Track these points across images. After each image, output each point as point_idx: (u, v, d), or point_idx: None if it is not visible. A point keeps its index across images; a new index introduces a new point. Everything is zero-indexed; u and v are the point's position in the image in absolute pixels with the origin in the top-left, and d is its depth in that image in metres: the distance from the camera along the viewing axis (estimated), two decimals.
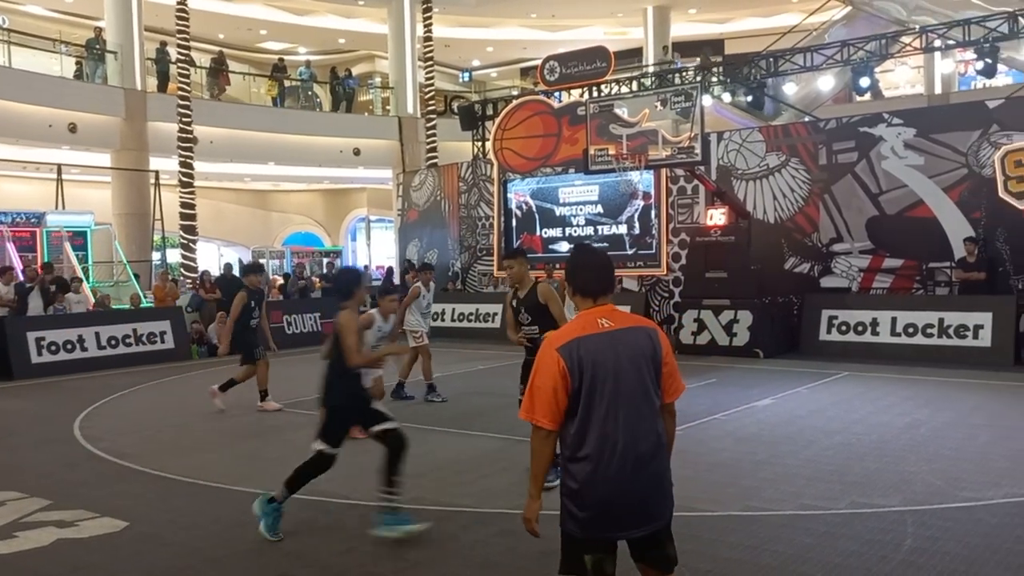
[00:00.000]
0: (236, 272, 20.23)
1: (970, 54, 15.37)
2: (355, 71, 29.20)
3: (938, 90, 25.15)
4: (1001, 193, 12.91)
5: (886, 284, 14.36)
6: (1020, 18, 14.32)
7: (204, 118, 21.44)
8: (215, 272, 20.25)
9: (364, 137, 25.25)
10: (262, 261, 23.11)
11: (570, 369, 3.11)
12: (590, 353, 3.13)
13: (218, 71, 24.77)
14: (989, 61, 14.44)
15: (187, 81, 20.59)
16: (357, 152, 25.02)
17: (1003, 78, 20.73)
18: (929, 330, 12.89)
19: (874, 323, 13.39)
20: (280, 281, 21.62)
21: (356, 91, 27.74)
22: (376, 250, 30.92)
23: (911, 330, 13.06)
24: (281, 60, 26.42)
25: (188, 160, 20.60)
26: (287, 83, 25.90)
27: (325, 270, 22.81)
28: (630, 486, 3.11)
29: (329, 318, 18.39)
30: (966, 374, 11.25)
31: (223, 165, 24.62)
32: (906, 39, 16.46)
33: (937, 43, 15.82)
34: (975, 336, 12.51)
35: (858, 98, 21.85)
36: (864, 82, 16.32)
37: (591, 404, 3.12)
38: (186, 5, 20.53)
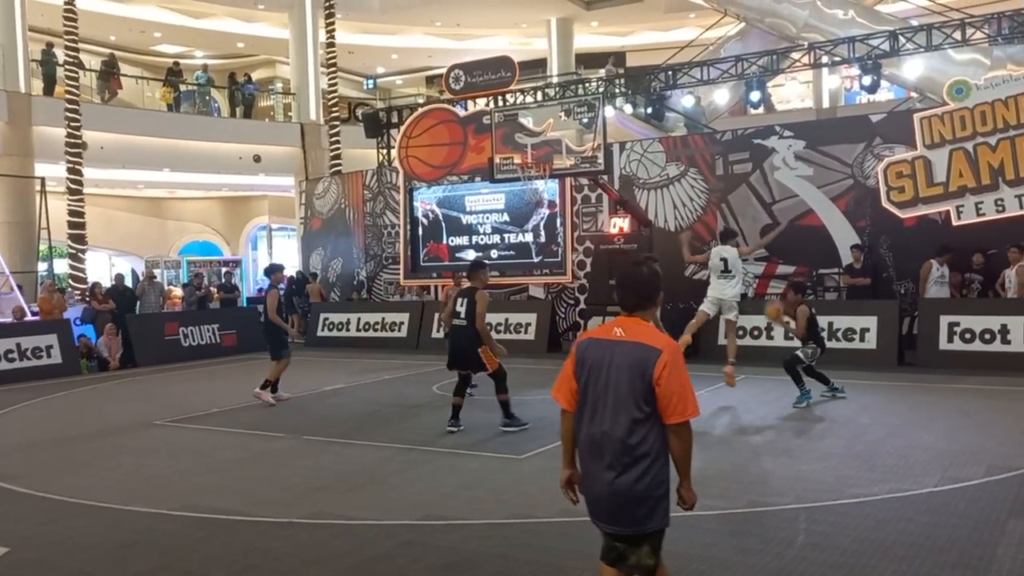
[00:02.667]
0: (128, 282, 19.46)
1: (855, 70, 16.15)
2: (255, 76, 28.51)
3: (826, 104, 26.36)
4: (884, 203, 13.60)
5: (779, 290, 14.90)
6: (900, 37, 15.15)
7: (94, 123, 20.53)
8: (106, 282, 19.37)
9: (265, 143, 24.65)
10: (156, 271, 22.24)
11: (577, 362, 3.59)
12: (593, 354, 3.53)
13: (109, 74, 23.77)
14: (873, 77, 15.21)
15: (75, 84, 19.69)
16: (258, 159, 24.41)
17: (885, 93, 21.89)
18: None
19: (768, 327, 13.87)
20: (176, 292, 20.85)
21: (256, 97, 27.10)
22: (278, 259, 30.22)
23: None
24: (176, 64, 25.56)
25: (76, 166, 19.69)
26: (183, 87, 25.08)
27: (223, 280, 22.10)
28: (598, 482, 3.45)
29: (228, 329, 17.99)
30: (854, 375, 11.77)
31: (115, 171, 23.60)
32: (796, 55, 17.20)
33: (824, 59, 16.58)
34: (862, 339, 13.12)
35: (752, 111, 22.67)
36: (755, 96, 16.95)
37: (584, 399, 3.53)
38: (74, 5, 19.65)
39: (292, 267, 26.03)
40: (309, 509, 6.21)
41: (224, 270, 24.06)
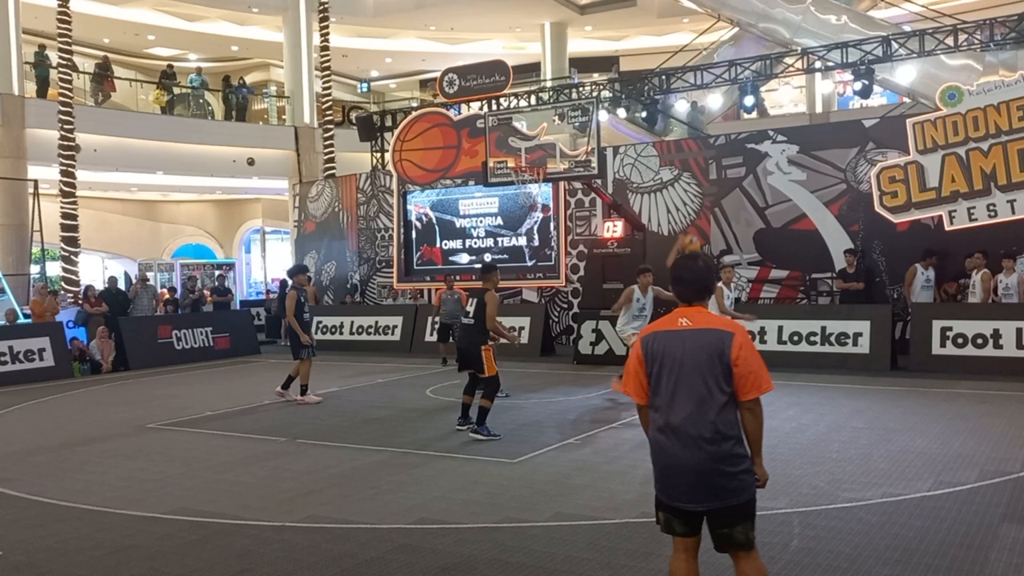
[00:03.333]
0: (121, 285, 19.40)
1: (848, 75, 16.23)
2: (249, 79, 28.48)
3: (819, 109, 26.46)
4: (877, 207, 13.65)
5: (773, 294, 14.97)
6: (893, 42, 15.22)
7: (88, 125, 20.48)
8: (99, 285, 19.31)
9: (259, 147, 24.62)
10: (149, 274, 22.18)
11: (646, 355, 3.73)
12: (662, 345, 3.70)
13: (103, 77, 23.71)
14: (865, 82, 15.27)
15: (69, 87, 19.65)
16: (251, 162, 24.37)
17: (878, 98, 21.97)
18: (812, 338, 13.47)
19: (762, 331, 13.89)
20: (167, 295, 20.79)
21: (250, 100, 27.06)
22: (272, 262, 30.18)
23: (796, 338, 13.62)
24: (170, 67, 25.52)
25: (70, 169, 19.63)
26: (177, 90, 25.03)
27: (216, 283, 22.04)
28: (684, 463, 3.60)
29: (221, 333, 17.95)
30: (847, 379, 11.81)
31: (108, 174, 23.55)
32: (789, 60, 17.26)
33: (818, 64, 16.64)
34: (855, 343, 13.16)
35: (745, 116, 22.74)
36: (749, 100, 17.01)
37: (659, 387, 3.70)
38: (68, 8, 19.61)
39: (284, 271, 26.06)
40: (303, 513, 6.20)
41: (217, 273, 23.99)
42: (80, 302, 17.59)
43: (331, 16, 23.97)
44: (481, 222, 17.97)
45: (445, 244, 18.45)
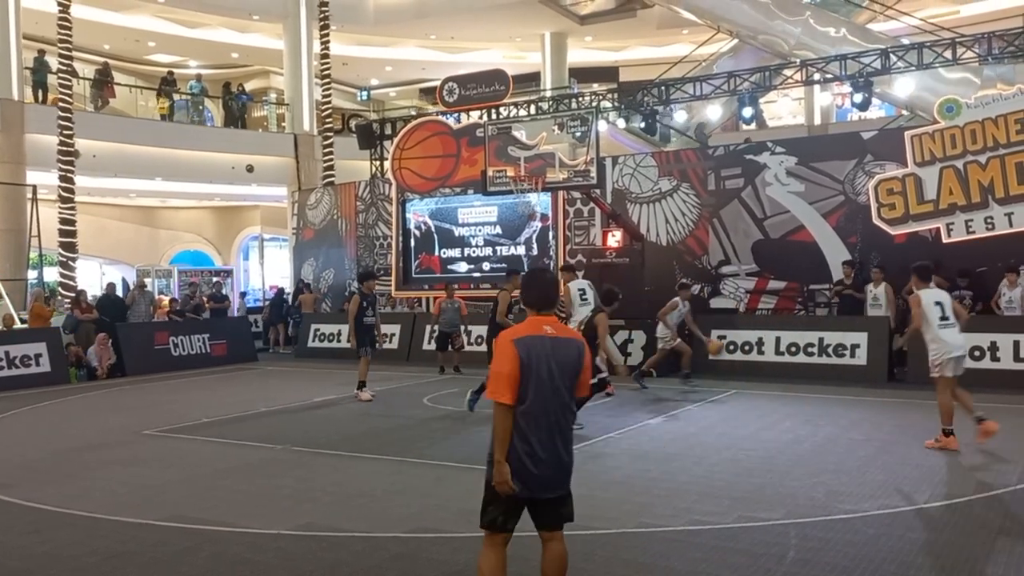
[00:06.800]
0: (120, 292, 19.37)
1: (846, 88, 16.28)
2: (249, 86, 28.50)
3: (818, 121, 26.54)
4: (875, 219, 13.67)
5: (771, 305, 14.98)
6: (891, 55, 15.28)
7: (87, 131, 20.49)
8: (95, 291, 19.26)
9: (258, 154, 24.63)
10: (147, 280, 22.15)
11: (522, 358, 3.96)
12: (534, 350, 3.99)
13: (103, 83, 23.74)
14: (864, 94, 15.32)
15: (69, 92, 19.66)
16: (250, 169, 24.38)
17: (876, 111, 22.05)
18: (810, 349, 13.47)
19: (760, 342, 13.90)
20: (165, 301, 20.75)
21: (250, 107, 27.09)
22: (270, 269, 30.16)
23: (794, 349, 13.61)
24: (171, 73, 25.54)
25: (69, 174, 19.62)
26: (177, 97, 25.06)
27: (214, 290, 22.02)
28: (552, 459, 4.00)
29: (219, 339, 17.92)
30: (844, 391, 11.81)
31: (107, 180, 23.55)
32: (788, 72, 17.32)
33: (816, 76, 16.70)
34: (852, 355, 13.16)
35: (744, 127, 22.80)
36: (748, 112, 17.07)
37: (527, 389, 3.97)
38: (69, 13, 19.64)
39: (283, 278, 26.04)
40: (298, 521, 6.18)
41: (215, 280, 23.96)
42: (72, 308, 17.55)
43: (331, 24, 24.02)
44: (480, 231, 17.98)
45: (444, 252, 18.45)
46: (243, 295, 26.29)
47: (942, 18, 21.63)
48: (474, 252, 18.00)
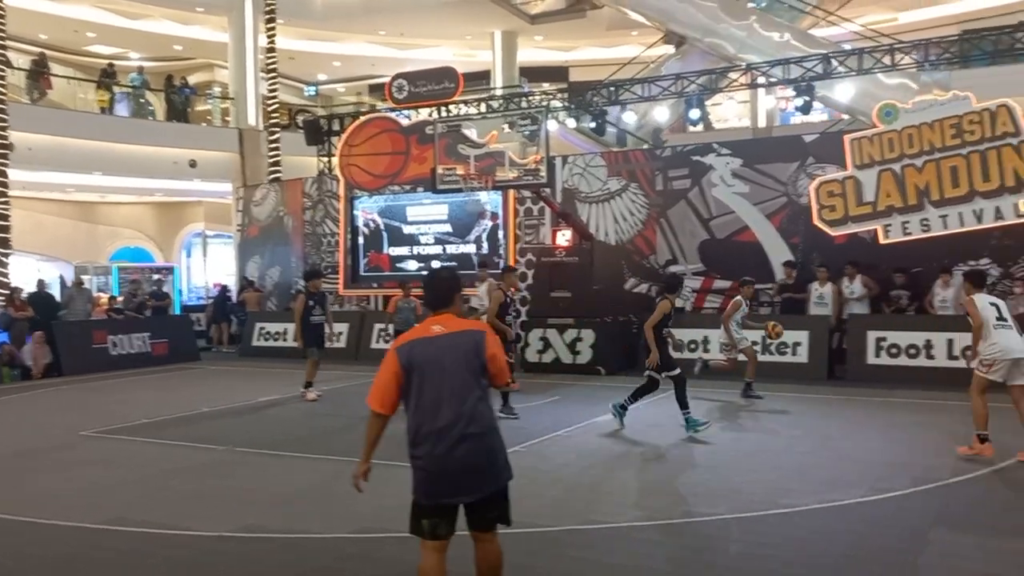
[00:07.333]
0: (56, 288, 18.81)
1: (790, 91, 16.61)
2: (192, 80, 27.91)
3: (762, 124, 26.99)
4: (816, 220, 13.98)
5: (716, 304, 15.22)
6: (832, 60, 15.65)
7: (22, 123, 19.83)
8: (32, 288, 18.68)
9: (202, 148, 24.11)
10: (85, 278, 21.56)
11: (403, 366, 3.89)
12: (420, 354, 3.91)
13: (39, 73, 23.03)
14: (806, 98, 15.65)
15: (3, 83, 19.02)
16: (193, 164, 23.87)
17: (818, 115, 22.49)
18: (754, 347, 13.70)
19: (705, 341, 14.12)
20: (104, 299, 20.22)
21: (193, 100, 26.54)
22: (213, 267, 29.60)
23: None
24: (111, 65, 24.87)
25: (2, 168, 18.99)
26: (117, 89, 24.43)
27: (155, 287, 21.52)
28: (459, 460, 3.84)
29: (160, 338, 17.53)
30: (786, 388, 12.06)
31: (43, 174, 22.84)
32: (734, 75, 17.61)
33: (761, 80, 17.01)
34: (794, 353, 13.46)
35: (691, 128, 23.10)
36: (695, 114, 17.28)
37: (422, 395, 3.87)
38: (2, 2, 19.01)
39: (227, 276, 25.58)
40: (245, 523, 6.10)
41: (155, 276, 23.43)
42: (3, 306, 17.01)
43: (278, 18, 23.65)
44: (430, 229, 17.91)
45: (393, 251, 18.35)
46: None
47: (881, 25, 22.21)
48: (424, 250, 17.94)
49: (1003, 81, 15.96)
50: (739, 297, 11.78)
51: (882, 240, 13.39)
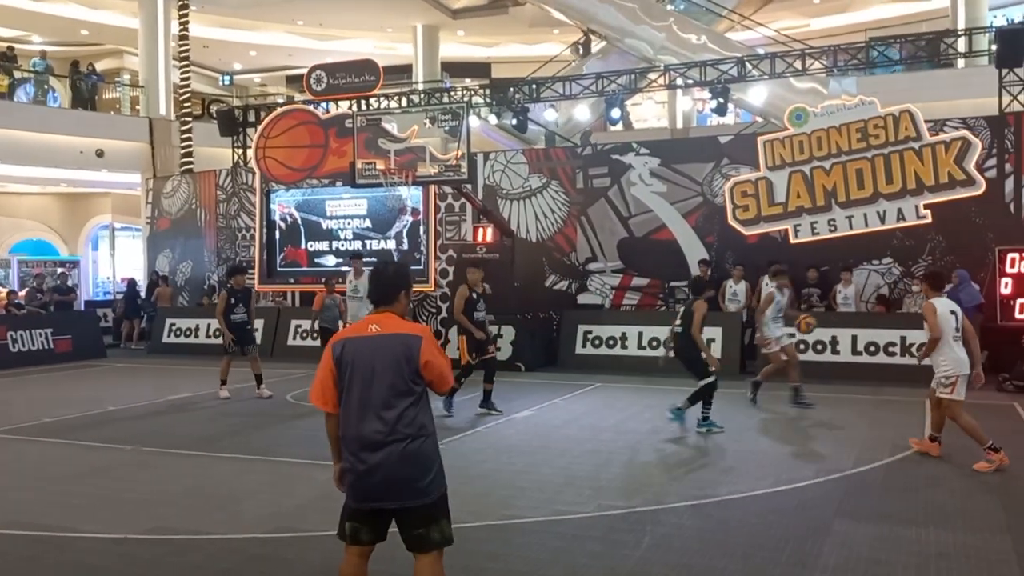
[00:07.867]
0: None
1: (706, 93, 16.96)
2: (100, 66, 26.82)
3: (680, 124, 27.55)
4: (730, 220, 14.31)
5: (634, 301, 15.46)
6: (747, 63, 16.05)
7: None
8: None
9: (109, 138, 23.18)
10: None
11: (336, 362, 3.79)
12: (352, 353, 3.77)
13: None
14: (721, 100, 16.01)
15: None
16: (100, 153, 22.94)
17: (733, 117, 23.11)
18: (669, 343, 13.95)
19: (623, 337, 14.32)
20: (3, 293, 19.26)
21: (101, 88, 25.50)
22: (121, 261, 28.54)
23: (655, 343, 14.04)
24: (11, 48, 23.67)
25: None
26: (18, 74, 23.28)
27: (59, 281, 20.62)
28: (380, 464, 3.68)
29: (63, 335, 16.80)
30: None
31: None
32: (652, 75, 17.89)
33: (679, 81, 17.32)
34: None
35: (611, 128, 23.39)
36: (615, 113, 17.47)
37: (351, 395, 3.76)
38: None
39: (136, 270, 24.69)
40: (148, 524, 5.88)
41: (60, 270, 22.44)
42: None
43: (191, 4, 22.92)
44: (349, 224, 17.63)
45: (311, 246, 18.00)
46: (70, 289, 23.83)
47: (794, 30, 22.92)
48: (343, 246, 17.64)
49: (907, 87, 16.66)
50: (772, 289, 10.56)
51: (792, 240, 13.79)
